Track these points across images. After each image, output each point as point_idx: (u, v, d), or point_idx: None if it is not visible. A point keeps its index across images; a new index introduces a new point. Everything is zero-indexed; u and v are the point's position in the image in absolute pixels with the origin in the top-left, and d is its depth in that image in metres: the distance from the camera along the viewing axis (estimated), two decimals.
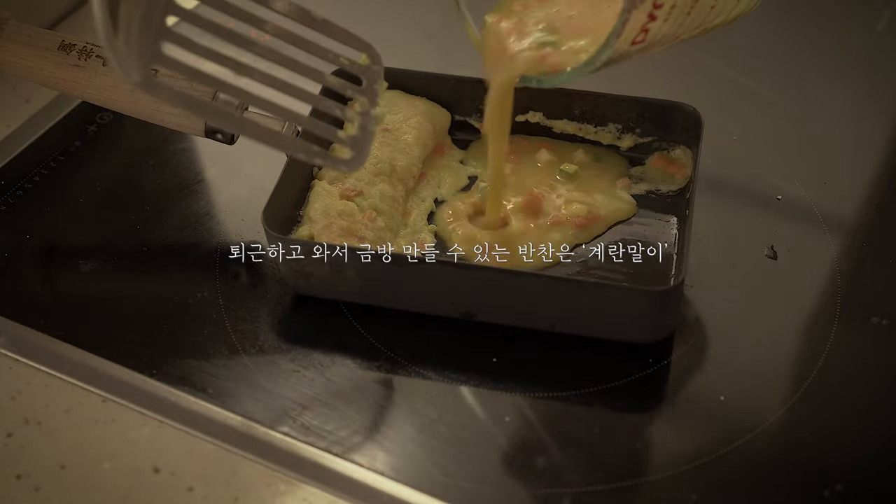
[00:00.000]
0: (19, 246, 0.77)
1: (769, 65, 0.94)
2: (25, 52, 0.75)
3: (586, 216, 0.75)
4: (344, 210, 0.73)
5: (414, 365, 0.69)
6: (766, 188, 0.81)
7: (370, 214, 0.73)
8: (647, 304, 0.68)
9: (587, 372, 0.69)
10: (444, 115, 0.82)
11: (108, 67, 0.75)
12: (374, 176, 0.76)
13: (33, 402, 0.68)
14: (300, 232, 0.73)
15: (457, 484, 0.63)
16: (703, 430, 0.67)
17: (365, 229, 0.72)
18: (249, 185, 0.81)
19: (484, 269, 0.70)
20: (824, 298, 0.74)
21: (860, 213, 0.81)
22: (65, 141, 0.85)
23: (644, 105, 0.79)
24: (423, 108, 0.81)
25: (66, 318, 0.72)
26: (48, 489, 0.63)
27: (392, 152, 0.77)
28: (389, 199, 0.75)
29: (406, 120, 0.79)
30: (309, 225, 0.73)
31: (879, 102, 0.90)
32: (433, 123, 0.81)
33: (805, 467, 0.65)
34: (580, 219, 0.75)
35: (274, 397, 0.68)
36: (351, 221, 0.73)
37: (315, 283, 0.71)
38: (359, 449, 0.65)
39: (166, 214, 0.79)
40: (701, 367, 0.70)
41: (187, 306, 0.73)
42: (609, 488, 0.64)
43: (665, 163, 0.79)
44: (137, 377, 0.68)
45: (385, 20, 0.99)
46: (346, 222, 0.72)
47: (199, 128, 0.75)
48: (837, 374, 0.69)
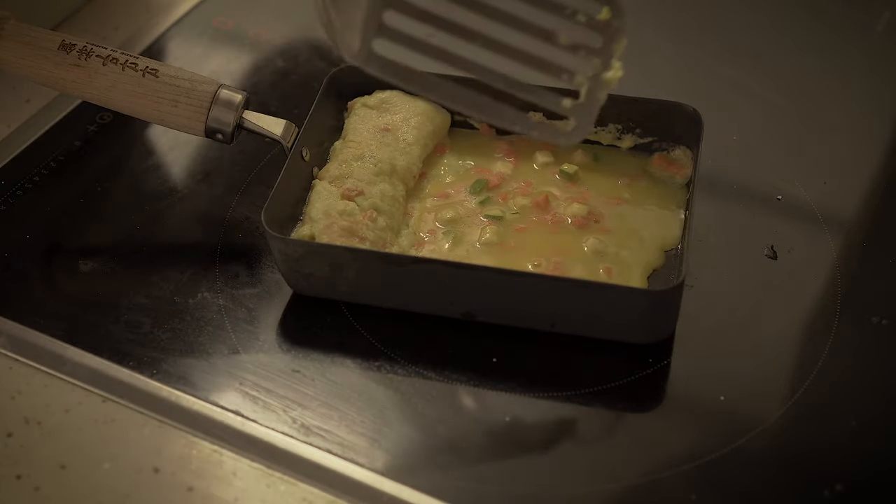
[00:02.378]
0: (19, 246, 0.77)
1: (769, 65, 0.94)
2: (25, 52, 0.75)
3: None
4: (345, 210, 0.73)
5: (414, 365, 0.69)
6: (766, 188, 0.81)
7: (371, 214, 0.73)
8: (646, 304, 0.68)
9: (587, 372, 0.69)
10: (444, 115, 0.82)
11: (108, 67, 0.75)
12: (375, 176, 0.76)
13: (33, 402, 0.67)
14: (301, 231, 0.73)
15: (457, 484, 0.63)
16: (703, 430, 0.67)
17: (366, 229, 0.72)
18: (249, 185, 0.81)
19: (483, 270, 0.70)
20: (824, 298, 0.74)
21: (860, 213, 0.81)
22: (65, 141, 0.85)
23: (644, 105, 0.79)
24: (423, 108, 0.81)
25: (66, 318, 0.72)
26: (48, 489, 0.63)
27: (392, 152, 0.77)
28: (390, 198, 0.75)
29: (406, 120, 0.79)
30: (310, 224, 0.73)
31: (879, 102, 0.90)
32: (433, 123, 0.81)
33: (805, 467, 0.65)
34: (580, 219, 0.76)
35: (274, 397, 0.68)
36: (352, 221, 0.72)
37: (315, 282, 0.71)
38: (359, 449, 0.65)
39: (166, 214, 0.79)
40: (701, 367, 0.70)
41: (187, 306, 0.73)
42: (609, 488, 0.64)
43: (665, 163, 0.79)
44: (137, 377, 0.68)
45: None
46: (348, 222, 0.72)
47: (199, 128, 0.75)
48: (837, 374, 0.69)
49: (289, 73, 0.92)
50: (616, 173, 0.79)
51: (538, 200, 0.77)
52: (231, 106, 0.74)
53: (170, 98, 0.74)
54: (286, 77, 0.92)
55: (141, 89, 0.74)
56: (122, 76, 0.75)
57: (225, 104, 0.74)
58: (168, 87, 0.74)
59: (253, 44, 0.95)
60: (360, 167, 0.76)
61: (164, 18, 0.96)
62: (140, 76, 0.74)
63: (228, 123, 0.75)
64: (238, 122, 0.75)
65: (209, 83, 0.75)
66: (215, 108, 0.74)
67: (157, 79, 0.74)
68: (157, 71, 0.75)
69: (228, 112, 0.74)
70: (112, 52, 0.75)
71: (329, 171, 0.76)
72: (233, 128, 0.75)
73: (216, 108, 0.74)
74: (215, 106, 0.74)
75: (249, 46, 0.95)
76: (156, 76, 0.74)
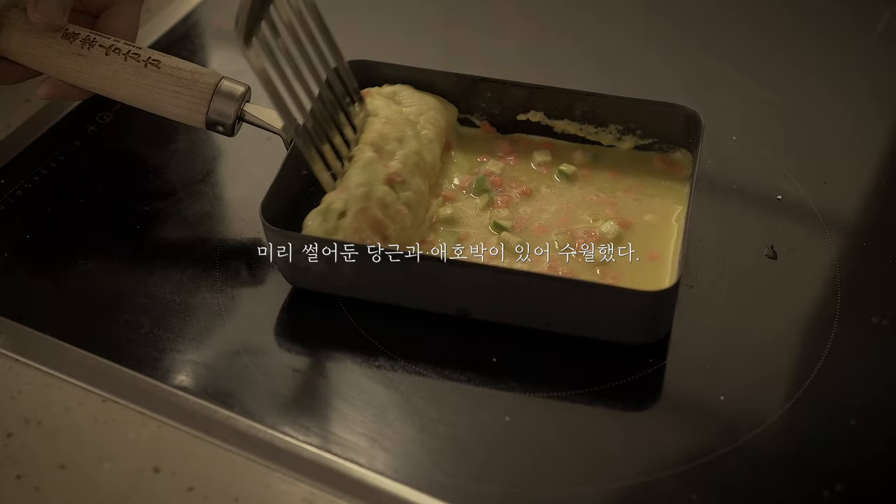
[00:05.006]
0: (19, 246, 0.77)
1: (769, 65, 0.94)
2: (29, 40, 0.75)
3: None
4: (383, 198, 0.71)
5: (414, 365, 0.69)
6: (766, 188, 0.81)
7: (403, 211, 0.72)
8: (640, 305, 0.68)
9: (587, 372, 0.69)
10: (451, 109, 0.81)
11: (111, 57, 0.75)
12: (415, 167, 0.75)
13: (33, 402, 0.68)
14: (331, 198, 0.71)
15: (457, 484, 0.63)
16: (703, 430, 0.67)
17: (393, 230, 0.71)
18: (249, 184, 0.81)
19: (476, 267, 0.70)
20: (824, 298, 0.74)
21: (860, 213, 0.81)
22: (65, 141, 0.85)
23: (644, 107, 0.79)
24: (433, 103, 0.80)
25: (66, 318, 0.72)
26: (48, 489, 0.63)
27: (419, 146, 0.76)
28: (421, 194, 0.74)
29: (421, 114, 0.79)
30: (346, 195, 0.71)
31: (879, 102, 0.90)
32: (444, 118, 0.80)
33: (805, 467, 0.65)
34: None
35: (274, 397, 0.68)
36: (385, 215, 0.71)
37: (311, 277, 0.71)
38: (359, 449, 0.65)
39: (166, 214, 0.79)
40: (701, 367, 0.70)
41: (187, 306, 0.73)
42: (609, 488, 0.64)
43: (665, 164, 0.79)
44: (137, 377, 0.68)
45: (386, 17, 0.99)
46: (381, 215, 0.71)
47: (199, 119, 0.75)
48: (837, 374, 0.69)
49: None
50: (616, 173, 0.79)
51: (525, 190, 0.77)
52: (232, 98, 0.74)
53: (171, 89, 0.74)
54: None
55: (143, 79, 0.75)
56: (124, 66, 0.75)
57: (226, 96, 0.74)
58: (170, 77, 0.75)
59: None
60: (403, 154, 0.74)
61: (164, 18, 0.97)
62: (142, 67, 0.75)
63: (229, 115, 0.75)
64: (239, 115, 0.75)
65: (211, 75, 0.75)
66: (216, 99, 0.74)
67: (159, 69, 0.75)
68: (159, 62, 0.75)
69: (230, 104, 0.74)
70: (115, 43, 0.75)
71: (367, 137, 0.75)
72: (234, 120, 0.75)
73: (217, 100, 0.74)
74: (216, 97, 0.74)
75: None
76: (158, 67, 0.75)
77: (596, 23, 0.99)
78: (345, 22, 0.81)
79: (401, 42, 0.96)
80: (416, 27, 0.99)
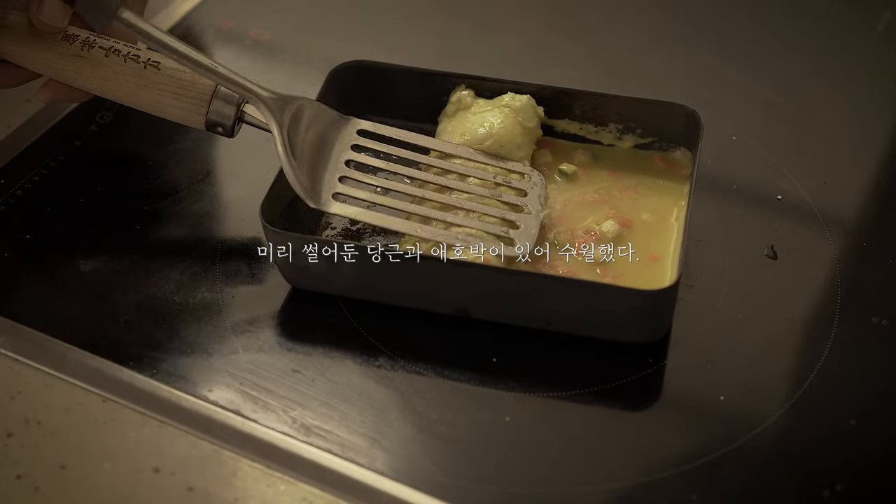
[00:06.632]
0: (19, 246, 0.77)
1: (769, 64, 0.94)
2: (29, 42, 0.75)
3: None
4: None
5: (414, 365, 0.69)
6: (766, 188, 0.81)
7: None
8: (639, 304, 0.68)
9: (587, 372, 0.69)
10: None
11: (110, 59, 0.75)
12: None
13: (33, 402, 0.68)
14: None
15: (457, 484, 0.63)
16: (703, 430, 0.67)
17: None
18: (249, 184, 0.81)
19: (476, 267, 0.70)
20: (824, 298, 0.74)
21: (860, 213, 0.81)
22: (65, 141, 0.85)
23: (644, 106, 0.79)
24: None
25: (66, 318, 0.72)
26: (48, 489, 0.63)
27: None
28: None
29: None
30: None
31: (879, 102, 0.90)
32: None
33: (805, 467, 0.65)
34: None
35: (274, 397, 0.68)
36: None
37: (310, 276, 0.71)
38: (359, 449, 0.65)
39: (166, 214, 0.79)
40: (701, 367, 0.70)
41: (187, 306, 0.73)
42: (609, 488, 0.64)
43: (665, 163, 0.79)
44: (137, 377, 0.68)
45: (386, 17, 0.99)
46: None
47: (199, 121, 0.75)
48: (837, 374, 0.69)
49: (289, 73, 0.92)
50: (615, 173, 0.79)
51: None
52: (232, 99, 0.74)
53: (171, 90, 0.74)
54: (286, 76, 0.92)
55: (142, 81, 0.75)
56: (123, 68, 0.75)
57: (226, 98, 0.74)
58: (170, 79, 0.75)
59: (253, 44, 0.95)
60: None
61: (165, 19, 0.97)
62: (142, 68, 0.75)
63: (229, 117, 0.75)
64: (238, 116, 0.75)
65: None
66: (216, 101, 0.74)
67: (159, 71, 0.75)
68: (158, 63, 0.75)
69: (229, 105, 0.74)
70: (114, 44, 0.75)
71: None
72: (233, 121, 0.75)
73: (217, 102, 0.74)
74: (216, 99, 0.74)
75: (249, 46, 0.95)
76: (157, 68, 0.75)
77: (596, 22, 1.00)
78: (345, 22, 0.81)
79: (401, 42, 0.96)
80: (416, 27, 0.99)
